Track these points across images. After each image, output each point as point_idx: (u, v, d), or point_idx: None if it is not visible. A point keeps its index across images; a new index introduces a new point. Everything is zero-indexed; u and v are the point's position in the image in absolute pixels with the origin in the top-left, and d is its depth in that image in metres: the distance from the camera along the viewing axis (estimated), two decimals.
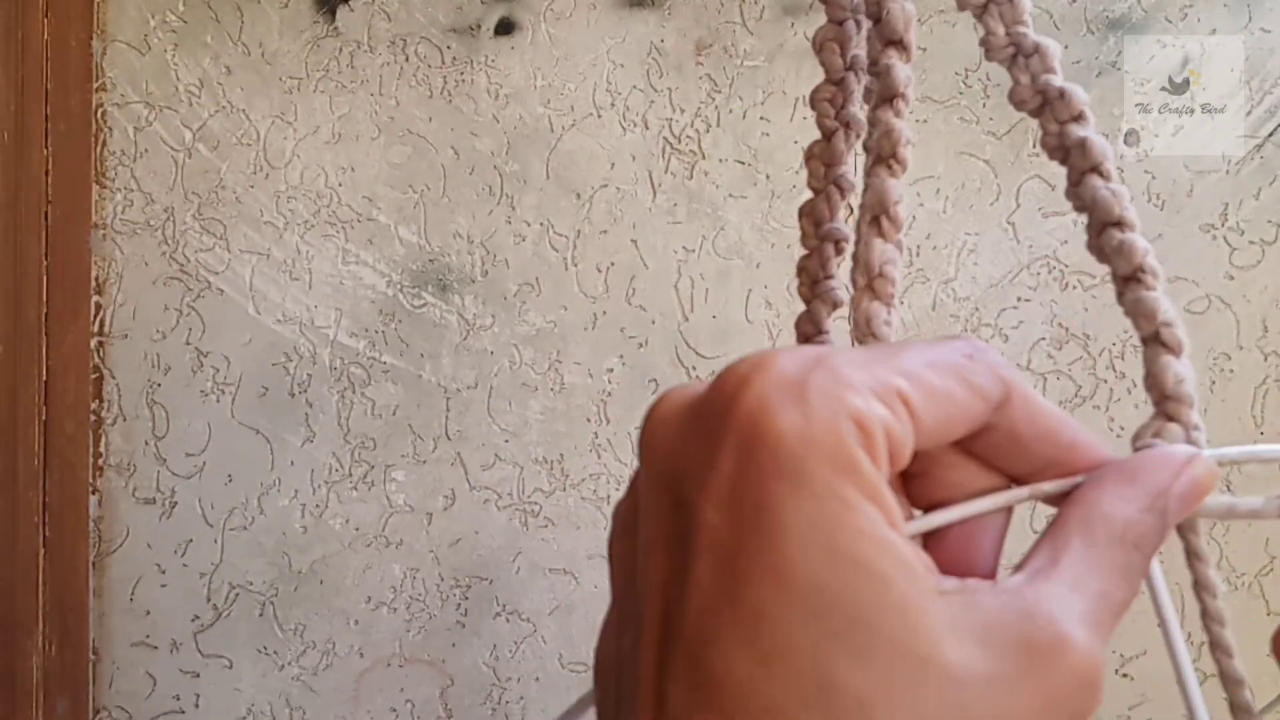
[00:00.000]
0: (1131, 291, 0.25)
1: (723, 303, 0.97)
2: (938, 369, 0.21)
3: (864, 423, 0.20)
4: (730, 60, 0.96)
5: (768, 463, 0.19)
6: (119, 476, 1.00)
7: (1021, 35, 0.26)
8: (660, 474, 0.21)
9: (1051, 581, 0.21)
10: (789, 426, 0.19)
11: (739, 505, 0.19)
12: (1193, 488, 0.23)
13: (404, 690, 1.00)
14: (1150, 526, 0.23)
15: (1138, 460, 0.24)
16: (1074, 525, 0.22)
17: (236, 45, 0.98)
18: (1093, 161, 0.26)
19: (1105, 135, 0.99)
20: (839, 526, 0.19)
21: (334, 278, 0.99)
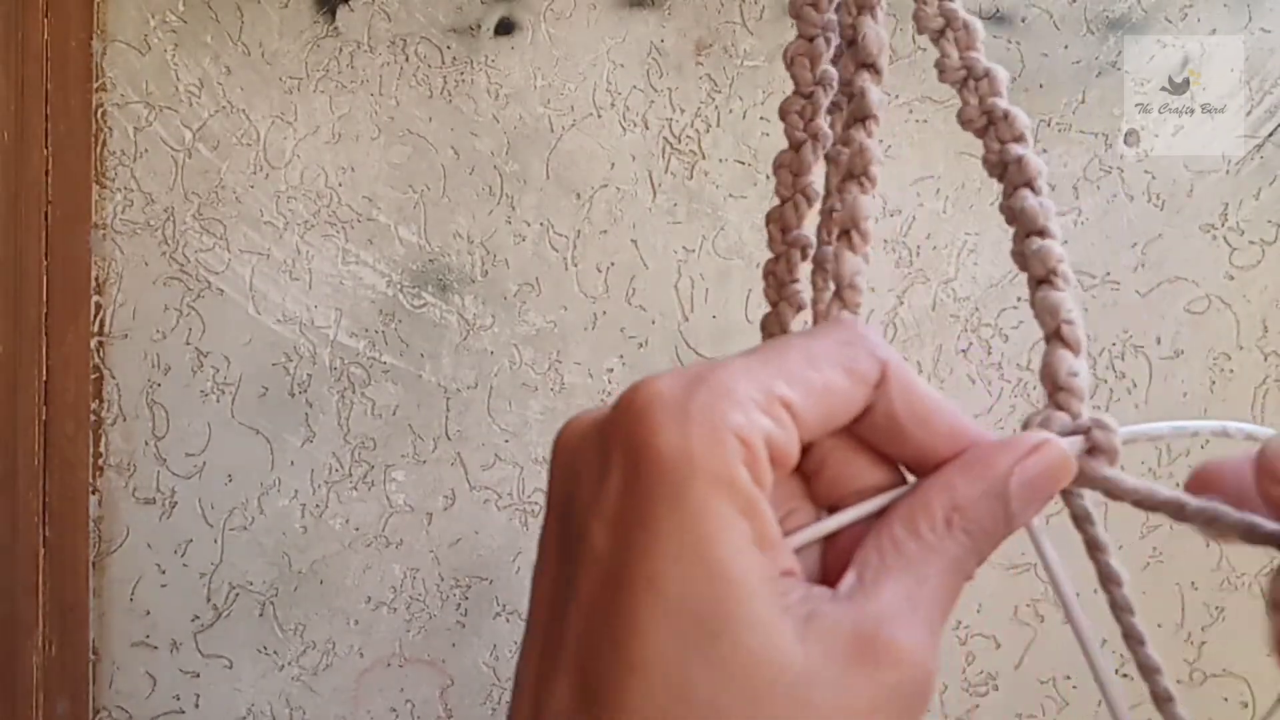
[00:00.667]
0: (1042, 292, 0.27)
1: (723, 303, 0.97)
2: (817, 363, 0.22)
3: (745, 437, 0.21)
4: (730, 60, 0.96)
5: (649, 484, 0.20)
6: (119, 476, 1.00)
7: (974, 60, 0.28)
8: (556, 492, 0.23)
9: (881, 581, 0.22)
10: (669, 446, 0.20)
11: (622, 521, 0.21)
12: (1040, 473, 0.23)
13: (404, 690, 1.00)
14: (985, 512, 0.23)
15: (982, 447, 0.23)
16: (897, 518, 0.22)
17: (236, 45, 0.98)
18: (1026, 177, 0.27)
19: (1105, 135, 0.99)
20: (710, 542, 0.20)
21: (334, 278, 0.99)
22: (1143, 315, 0.95)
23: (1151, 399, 0.95)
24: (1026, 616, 0.96)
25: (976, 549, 0.23)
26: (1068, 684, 0.95)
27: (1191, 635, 0.95)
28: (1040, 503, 0.24)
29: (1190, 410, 0.95)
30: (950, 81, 0.28)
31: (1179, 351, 0.95)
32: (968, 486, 0.23)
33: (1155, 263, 0.95)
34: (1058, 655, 0.96)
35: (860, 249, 0.27)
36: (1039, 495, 0.24)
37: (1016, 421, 0.95)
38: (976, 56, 0.28)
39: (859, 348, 0.23)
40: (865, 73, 0.28)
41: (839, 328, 0.24)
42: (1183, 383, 0.95)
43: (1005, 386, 0.96)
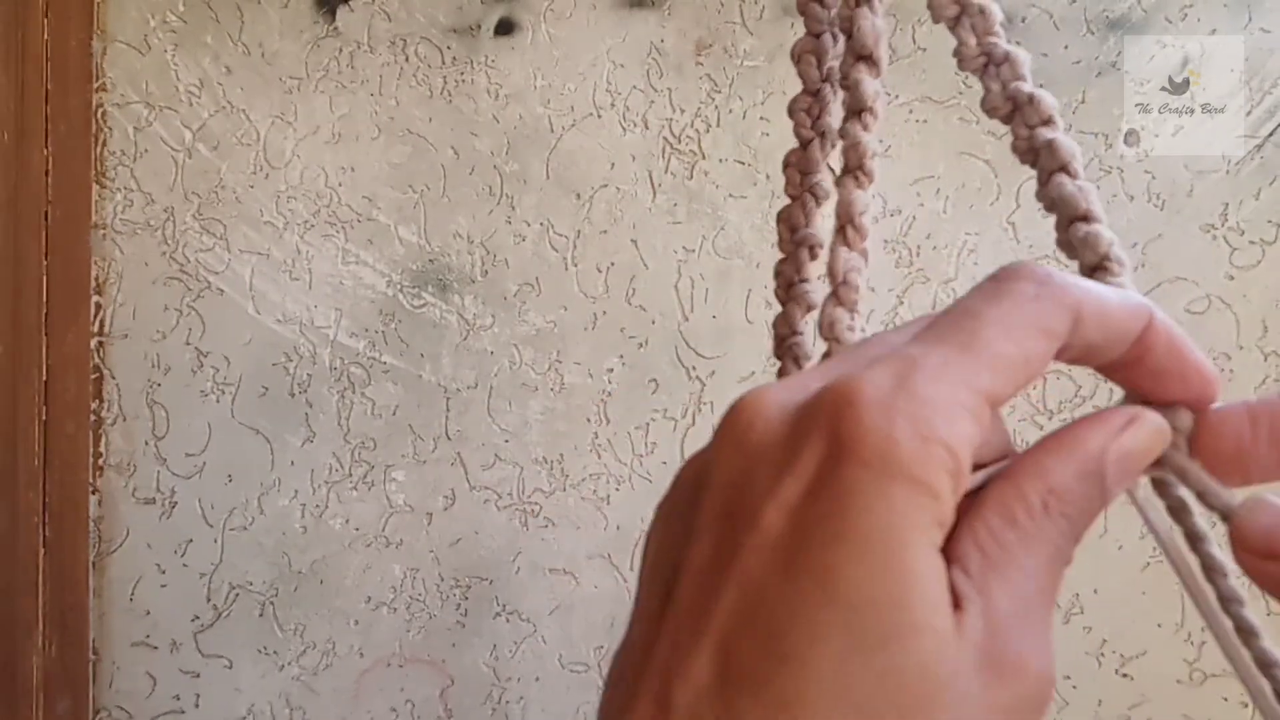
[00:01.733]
0: (1100, 280, 0.26)
1: (723, 303, 0.97)
2: (1014, 334, 0.22)
3: (954, 448, 0.20)
4: (730, 60, 0.96)
5: (850, 474, 0.20)
6: (119, 476, 1.00)
7: (992, 45, 0.27)
8: (728, 466, 0.21)
9: (990, 585, 0.21)
10: (879, 442, 0.20)
11: (807, 511, 0.20)
12: (1136, 447, 0.23)
13: (404, 690, 1.00)
14: (1082, 494, 0.22)
15: (1074, 425, 0.23)
16: (990, 505, 0.22)
17: (236, 45, 0.98)
18: (1061, 161, 0.26)
19: (1105, 135, 0.99)
20: (904, 549, 0.19)
21: (334, 278, 0.99)
22: None
23: None
24: None
25: (1074, 531, 0.22)
26: (1067, 684, 0.95)
27: (1191, 635, 0.95)
28: (1135, 477, 0.23)
29: None
30: (970, 69, 0.28)
31: None
32: (1062, 467, 0.22)
33: (1155, 263, 0.95)
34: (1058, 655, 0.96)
35: (856, 244, 0.26)
36: (1135, 470, 0.23)
37: (1017, 421, 0.95)
38: (995, 41, 0.27)
39: (1047, 301, 0.22)
40: (861, 64, 0.28)
41: (1021, 279, 0.23)
42: None
43: None
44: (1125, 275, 0.26)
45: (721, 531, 0.21)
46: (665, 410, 0.98)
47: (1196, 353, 0.24)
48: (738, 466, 0.21)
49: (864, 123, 0.27)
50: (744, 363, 0.97)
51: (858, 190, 0.27)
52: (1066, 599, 0.95)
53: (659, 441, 0.98)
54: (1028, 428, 0.95)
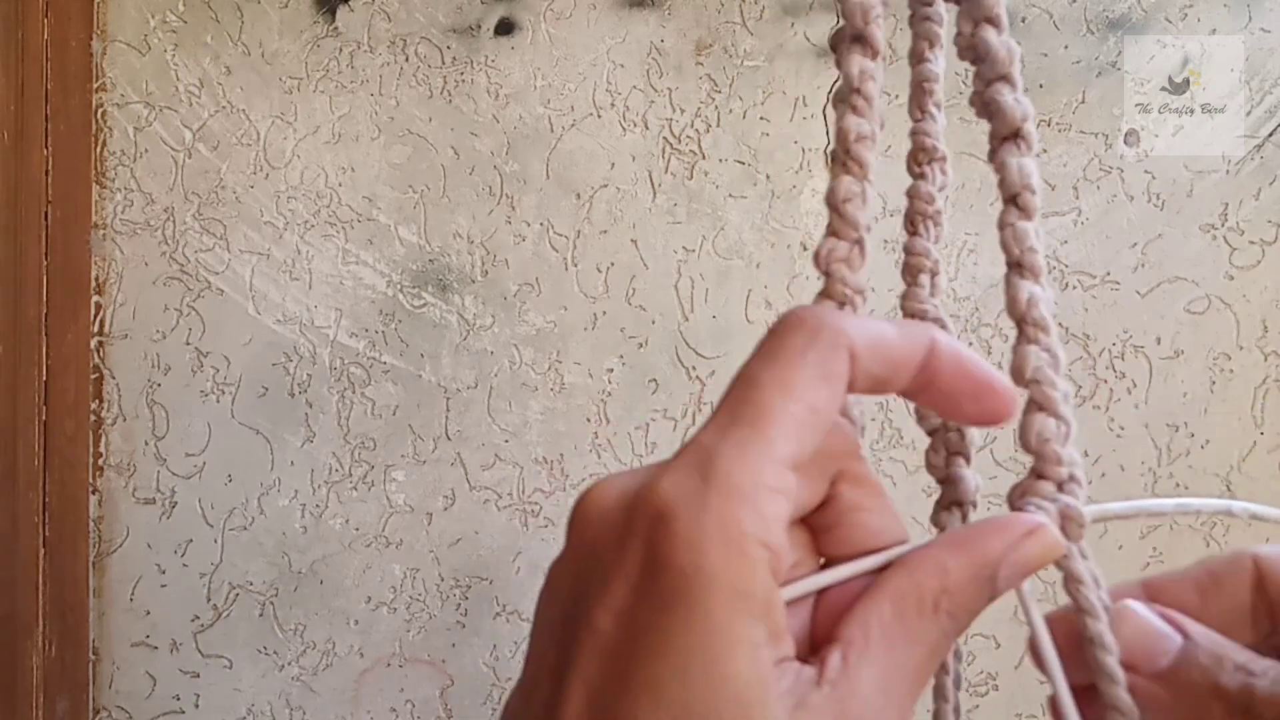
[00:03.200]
0: (1003, 153, 0.26)
1: (723, 303, 0.97)
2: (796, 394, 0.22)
3: (765, 541, 0.21)
4: (730, 60, 0.96)
5: (664, 591, 0.20)
6: (119, 476, 1.00)
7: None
8: (573, 559, 0.23)
9: (863, 670, 0.22)
10: (687, 562, 0.20)
11: (634, 622, 0.21)
12: (1032, 558, 0.24)
13: (404, 690, 1.00)
14: (973, 595, 0.23)
15: (973, 527, 0.24)
16: (887, 597, 0.23)
17: (236, 45, 0.98)
18: (986, 11, 0.27)
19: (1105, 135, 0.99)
20: (722, 659, 0.20)
21: (334, 278, 0.99)
22: (1143, 315, 0.95)
23: (1151, 399, 0.95)
24: None
25: (957, 629, 0.23)
26: None
27: None
28: (1024, 580, 0.24)
29: (1190, 410, 0.95)
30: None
31: (1179, 351, 0.95)
32: (959, 570, 0.23)
33: (1155, 263, 0.95)
34: None
35: (856, 173, 0.27)
36: (1025, 575, 0.24)
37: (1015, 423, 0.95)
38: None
39: (820, 348, 0.23)
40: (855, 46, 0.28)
41: (790, 333, 0.23)
42: (1183, 383, 0.95)
43: None
44: (1034, 222, 0.26)
45: (564, 636, 0.22)
46: (665, 410, 0.98)
47: (989, 372, 0.25)
48: (577, 566, 0.23)
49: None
50: None
51: (852, 116, 0.27)
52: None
53: (659, 441, 0.98)
54: None
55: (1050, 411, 0.25)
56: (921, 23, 0.31)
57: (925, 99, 0.30)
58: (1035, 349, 0.26)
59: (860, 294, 0.27)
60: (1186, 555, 0.94)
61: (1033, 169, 0.26)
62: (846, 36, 0.28)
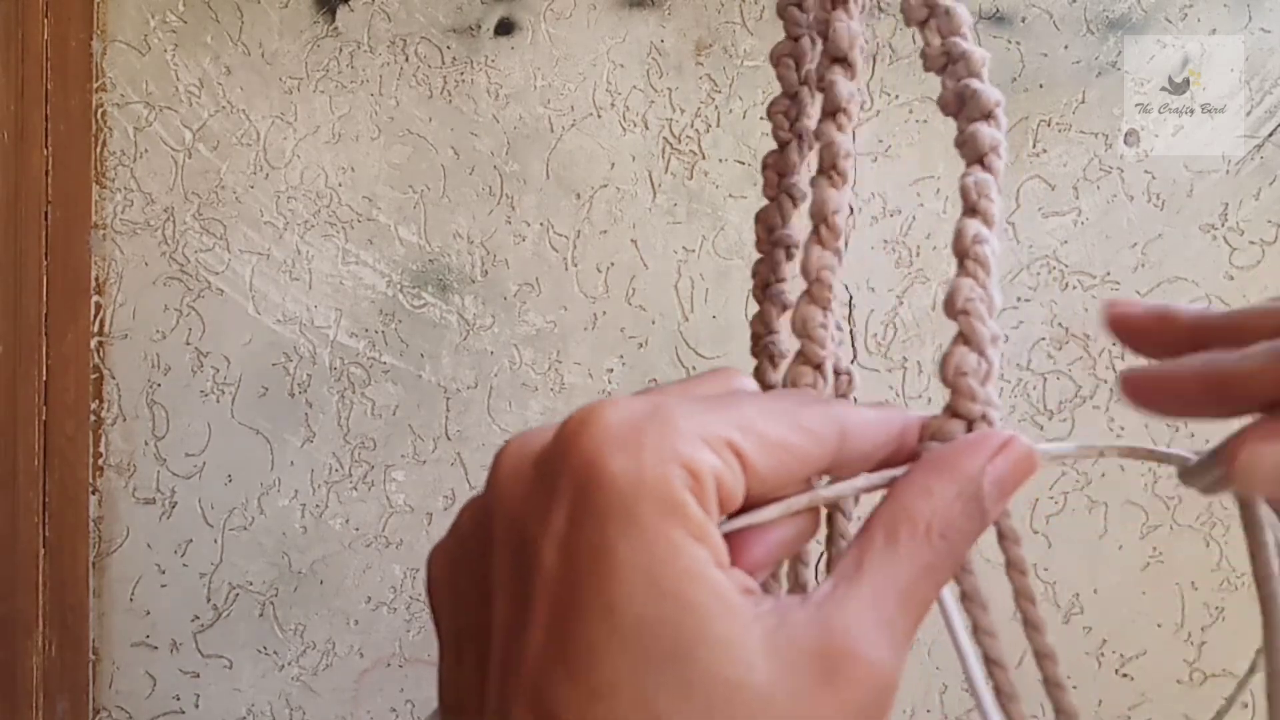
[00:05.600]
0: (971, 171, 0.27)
1: (723, 303, 0.97)
2: (771, 418, 0.22)
3: (693, 468, 0.21)
4: (730, 60, 0.96)
5: (600, 507, 0.20)
6: (119, 476, 1.00)
7: (954, 44, 0.28)
8: (506, 520, 0.22)
9: (853, 590, 0.22)
10: (620, 472, 0.20)
11: (574, 547, 0.21)
12: (1011, 471, 0.24)
13: (404, 690, 1.00)
14: (961, 513, 0.23)
15: (949, 447, 0.24)
16: (878, 524, 0.23)
17: (236, 45, 0.98)
18: (954, 28, 0.27)
19: (1105, 135, 0.99)
20: (665, 565, 0.20)
21: (334, 278, 0.99)
22: None
23: None
24: None
25: (953, 552, 0.23)
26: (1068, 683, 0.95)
27: (1191, 635, 0.95)
28: (1009, 498, 0.24)
29: None
30: (932, 69, 0.28)
31: None
32: (944, 490, 0.23)
33: (1155, 263, 0.95)
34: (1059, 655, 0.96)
35: (830, 244, 0.27)
36: (1009, 491, 0.24)
37: (1017, 421, 0.95)
38: (957, 40, 0.28)
39: (814, 409, 0.23)
40: (836, 66, 0.28)
41: (802, 392, 0.25)
42: None
43: (1005, 386, 0.96)
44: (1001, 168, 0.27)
45: (514, 585, 0.22)
46: None
47: (887, 418, 0.25)
48: (510, 512, 0.22)
49: (838, 123, 0.27)
50: (744, 363, 0.97)
51: (831, 189, 0.27)
52: (1066, 599, 0.95)
53: None
54: (1028, 427, 0.95)
55: (974, 345, 0.25)
56: None
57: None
58: (971, 282, 0.25)
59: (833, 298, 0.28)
60: (1186, 555, 0.95)
61: (1000, 139, 0.28)
62: (826, 56, 0.29)
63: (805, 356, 0.27)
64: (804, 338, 0.27)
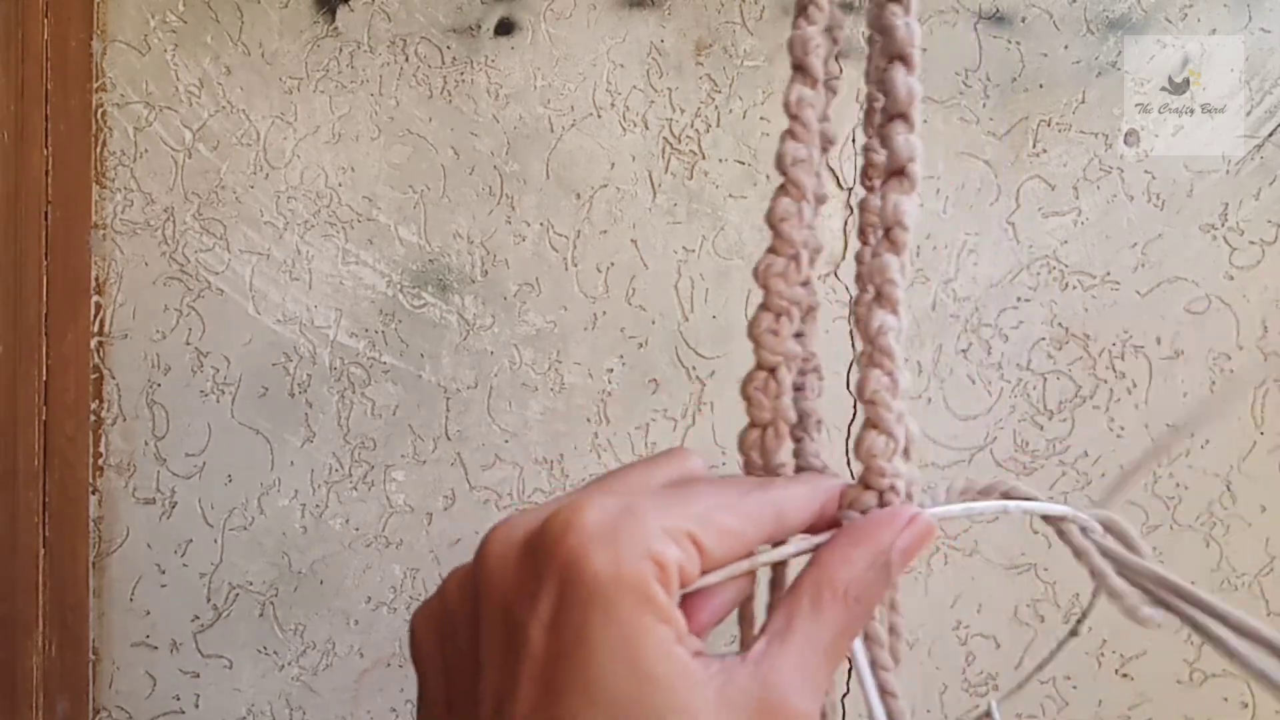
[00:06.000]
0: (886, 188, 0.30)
1: (723, 303, 0.97)
2: (722, 510, 0.27)
3: (661, 561, 0.25)
4: (730, 60, 0.96)
5: (583, 598, 0.24)
6: (119, 476, 1.00)
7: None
8: (495, 601, 0.26)
9: (784, 649, 0.26)
10: (600, 569, 0.24)
11: (560, 631, 0.24)
12: (914, 541, 0.28)
13: (404, 690, 1.00)
14: (873, 580, 0.27)
15: (866, 521, 0.28)
16: (804, 588, 0.27)
17: (236, 45, 0.98)
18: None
19: (1105, 135, 0.98)
20: (638, 647, 0.24)
21: (334, 278, 0.99)
22: (1143, 315, 0.95)
23: (1151, 399, 0.95)
24: (1026, 616, 0.96)
25: (865, 612, 0.27)
26: (1067, 684, 0.96)
27: (1191, 635, 0.94)
28: (910, 563, 0.28)
29: (1191, 410, 0.95)
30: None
31: (1179, 351, 0.95)
32: (860, 558, 0.27)
33: (1155, 263, 0.95)
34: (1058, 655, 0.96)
35: (793, 194, 0.31)
36: (911, 558, 0.28)
37: (1017, 421, 0.95)
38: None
39: (754, 498, 0.28)
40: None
41: (743, 480, 0.29)
42: (1183, 383, 0.95)
43: (1005, 386, 0.96)
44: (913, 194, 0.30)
45: (503, 660, 0.25)
46: (665, 410, 0.98)
47: (812, 494, 0.30)
48: (500, 595, 0.26)
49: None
50: (744, 363, 0.97)
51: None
52: (1066, 600, 0.95)
53: (659, 441, 0.98)
54: (1028, 427, 0.95)
55: (881, 429, 0.29)
56: (874, 44, 0.33)
57: (877, 116, 0.32)
58: (878, 372, 0.29)
59: (797, 304, 0.31)
60: (1187, 555, 0.95)
61: (908, 207, 0.30)
62: (791, 64, 0.30)
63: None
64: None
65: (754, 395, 0.31)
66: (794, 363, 0.31)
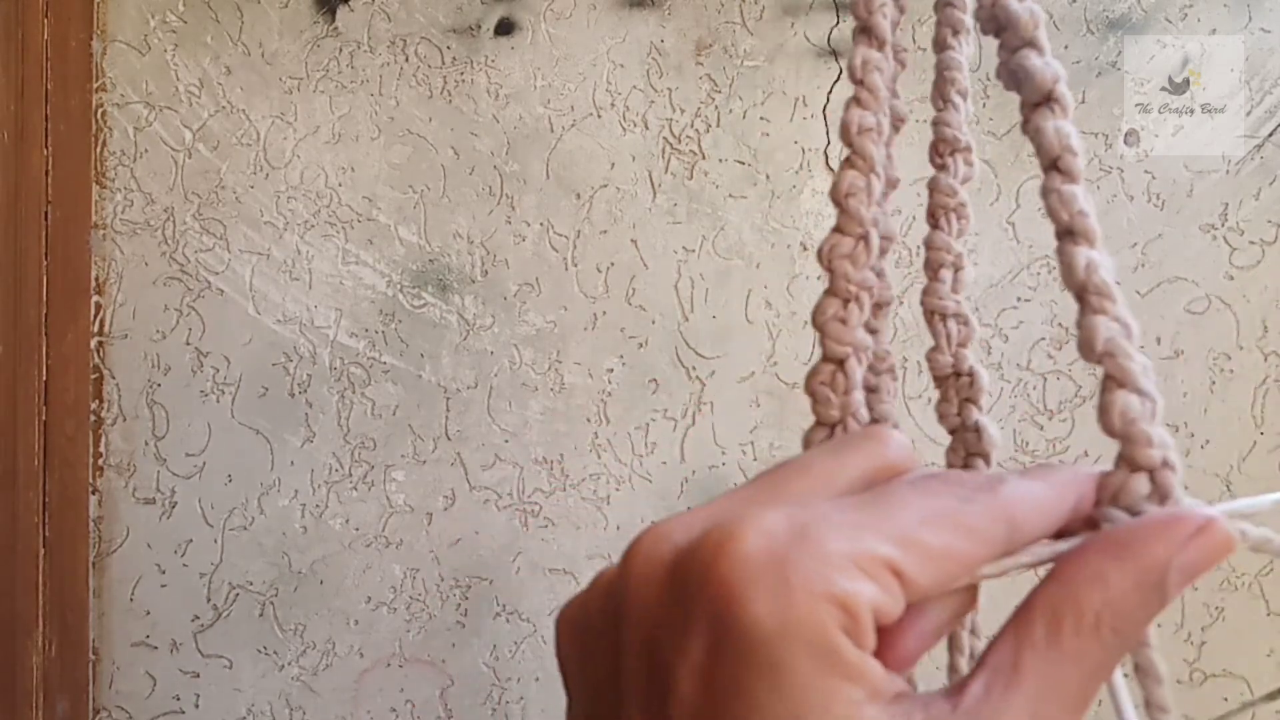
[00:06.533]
0: (1037, 119, 0.25)
1: (723, 303, 0.97)
2: (933, 525, 0.20)
3: (849, 605, 0.19)
4: (730, 60, 0.96)
5: (743, 650, 0.19)
6: (119, 476, 1.00)
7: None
8: (639, 630, 0.21)
9: (1010, 696, 0.20)
10: (764, 616, 0.19)
11: (714, 683, 0.19)
12: (1203, 558, 0.20)
13: (404, 690, 1.00)
14: (1137, 605, 0.20)
15: (1134, 527, 0.21)
16: (1039, 613, 0.20)
17: (236, 45, 0.98)
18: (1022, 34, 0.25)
19: (1105, 135, 0.99)
20: (815, 713, 0.19)
21: (334, 278, 0.99)
22: (1143, 315, 0.95)
23: None
24: None
25: (1124, 647, 0.20)
26: None
27: (1191, 635, 0.95)
28: (1191, 584, 0.21)
29: (1191, 410, 0.95)
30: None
31: (1179, 351, 0.95)
32: (1121, 580, 0.20)
33: (1155, 263, 0.95)
34: None
35: (860, 166, 0.26)
36: (1195, 578, 0.21)
37: (1017, 421, 0.95)
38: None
39: (978, 505, 0.21)
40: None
41: (962, 478, 0.21)
42: (1183, 383, 0.95)
43: (1005, 386, 0.96)
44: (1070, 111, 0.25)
45: (650, 702, 0.20)
46: (665, 410, 0.98)
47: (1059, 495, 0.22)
48: (644, 623, 0.21)
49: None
50: (744, 363, 0.97)
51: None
52: None
53: (659, 441, 0.98)
54: (1028, 427, 0.95)
55: (1131, 387, 0.22)
56: (945, 9, 0.29)
57: (948, 88, 0.28)
58: (1104, 319, 0.22)
59: (867, 290, 0.26)
60: None
61: (1071, 130, 0.24)
62: (855, 28, 0.26)
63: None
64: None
65: (819, 391, 0.25)
66: (864, 355, 0.26)
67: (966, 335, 0.29)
